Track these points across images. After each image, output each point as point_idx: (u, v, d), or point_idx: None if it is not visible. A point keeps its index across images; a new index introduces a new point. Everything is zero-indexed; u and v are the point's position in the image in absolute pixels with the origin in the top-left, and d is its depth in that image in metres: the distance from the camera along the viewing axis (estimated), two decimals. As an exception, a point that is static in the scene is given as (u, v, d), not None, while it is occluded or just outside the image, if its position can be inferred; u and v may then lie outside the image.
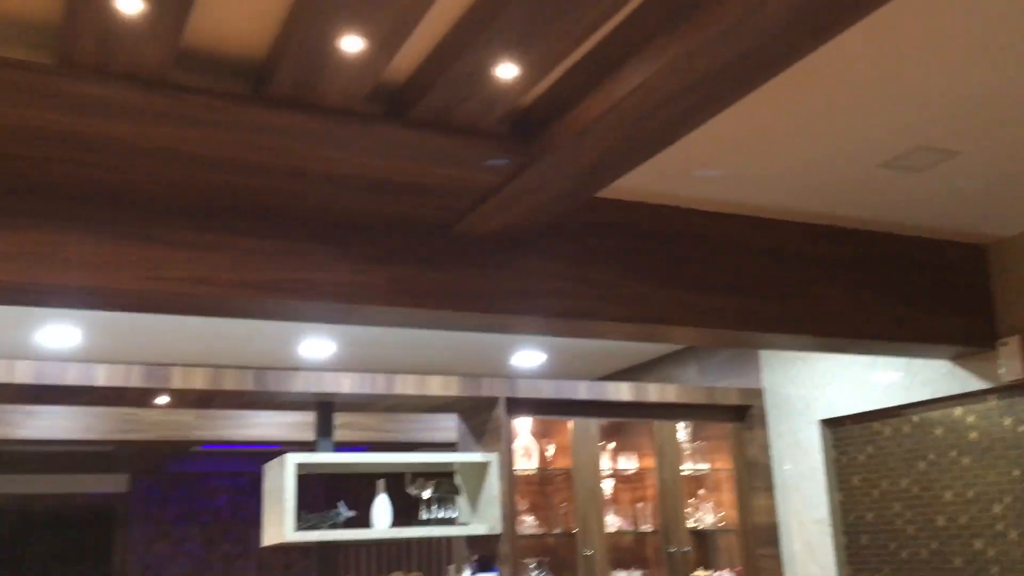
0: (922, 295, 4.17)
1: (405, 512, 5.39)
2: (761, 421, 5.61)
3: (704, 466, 5.68)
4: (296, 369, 5.23)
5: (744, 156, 3.34)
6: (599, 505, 5.23)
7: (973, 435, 4.46)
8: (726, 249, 3.83)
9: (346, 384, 4.81)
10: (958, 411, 4.54)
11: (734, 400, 5.63)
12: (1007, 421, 4.31)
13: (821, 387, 5.24)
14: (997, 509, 4.33)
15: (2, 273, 2.74)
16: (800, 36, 2.18)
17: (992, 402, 4.37)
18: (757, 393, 5.66)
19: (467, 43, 2.26)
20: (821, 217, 3.96)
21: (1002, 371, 4.22)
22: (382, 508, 4.87)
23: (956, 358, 4.46)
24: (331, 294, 3.16)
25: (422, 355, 5.94)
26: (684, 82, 2.34)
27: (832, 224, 4.03)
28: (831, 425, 5.23)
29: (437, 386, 4.99)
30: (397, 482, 5.02)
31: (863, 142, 3.23)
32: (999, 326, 4.28)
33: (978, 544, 4.41)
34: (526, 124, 2.85)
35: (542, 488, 5.57)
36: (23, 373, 4.24)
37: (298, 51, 2.31)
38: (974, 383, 4.39)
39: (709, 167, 3.42)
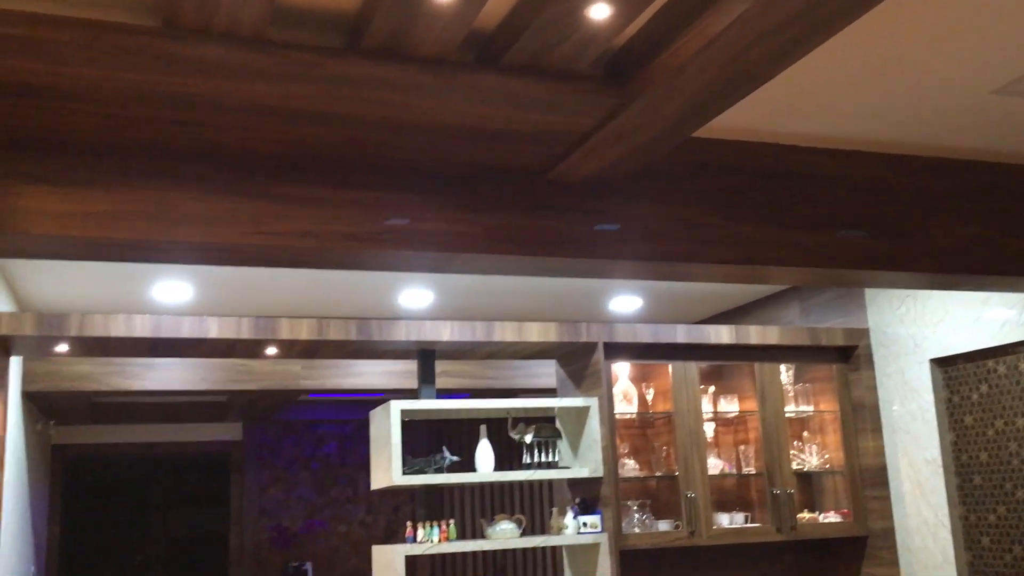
0: (1040, 227, 3.98)
1: (507, 457, 5.49)
2: (868, 361, 5.48)
3: (808, 408, 5.60)
4: (397, 319, 5.34)
5: (847, 88, 3.23)
6: (701, 448, 5.22)
7: (1095, 372, 4.28)
8: (830, 185, 3.72)
9: (446, 332, 4.89)
10: (1079, 347, 4.35)
11: (839, 341, 5.51)
12: None
13: (931, 325, 5.09)
14: (1121, 448, 4.16)
15: (118, 231, 2.86)
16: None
17: (1116, 337, 4.18)
18: (863, 333, 5.52)
19: (560, -16, 2.23)
20: (930, 149, 3.81)
21: None
22: (485, 453, 4.96)
23: (1077, 292, 4.26)
24: (430, 243, 3.20)
25: (520, 303, 5.98)
26: (781, 15, 2.27)
27: (942, 156, 3.87)
28: (942, 364, 5.08)
29: (536, 332, 5.02)
30: (499, 428, 5.11)
31: (974, 68, 3.08)
32: (1125, 258, 4.06)
33: (1101, 484, 4.25)
34: (620, 65, 2.81)
35: (643, 432, 5.58)
36: (142, 327, 4.44)
37: (391, 2, 2.32)
38: (1096, 318, 4.19)
39: (809, 100, 3.31)
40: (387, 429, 4.65)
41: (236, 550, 8.63)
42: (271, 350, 4.93)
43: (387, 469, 4.65)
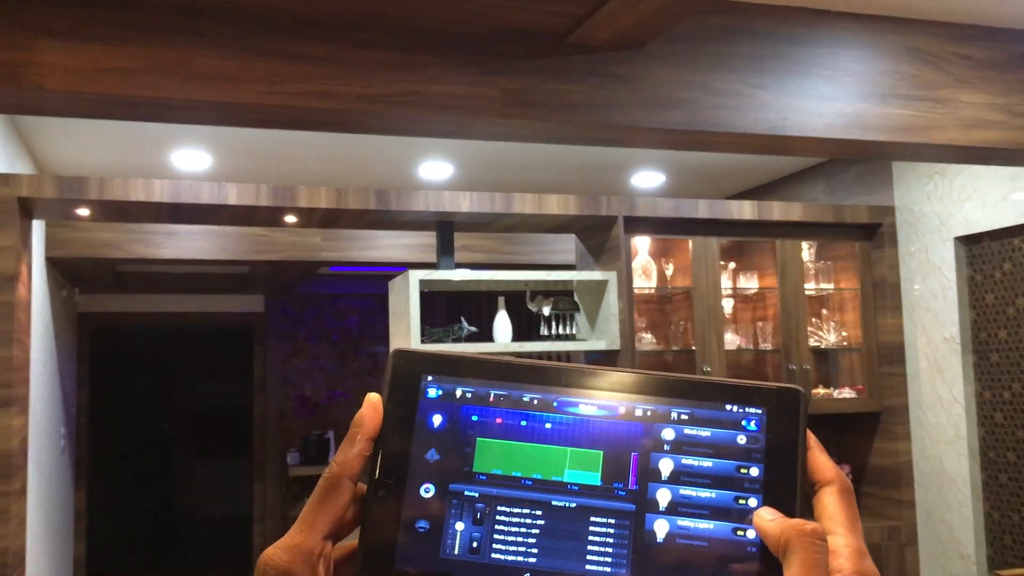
0: (1078, 100, 3.86)
1: (525, 329, 5.54)
2: (892, 239, 5.43)
3: (828, 286, 5.58)
4: (417, 189, 5.30)
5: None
6: (718, 323, 5.23)
7: (1123, 251, 4.21)
8: (861, 52, 3.60)
9: (465, 203, 4.86)
10: (1108, 226, 4.27)
11: (863, 218, 5.45)
12: None
13: (958, 203, 5.00)
14: None
15: (132, 88, 2.82)
16: None
17: None
18: (889, 211, 5.45)
19: None
20: (960, 14, 3.66)
21: None
22: (503, 324, 5.00)
23: (1111, 169, 4.16)
24: (448, 107, 3.14)
25: (540, 176, 5.92)
26: None
27: (973, 23, 3.72)
28: (966, 242, 5.02)
29: (555, 205, 4.99)
30: (517, 301, 5.13)
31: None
32: None
33: (1119, 363, 4.24)
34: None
35: (661, 307, 5.60)
36: (161, 192, 4.43)
37: None
38: None
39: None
40: (406, 299, 4.68)
41: (260, 417, 8.86)
42: (291, 218, 4.93)
43: (405, 338, 4.70)
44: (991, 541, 4.88)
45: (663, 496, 0.55)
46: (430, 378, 0.57)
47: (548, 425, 0.56)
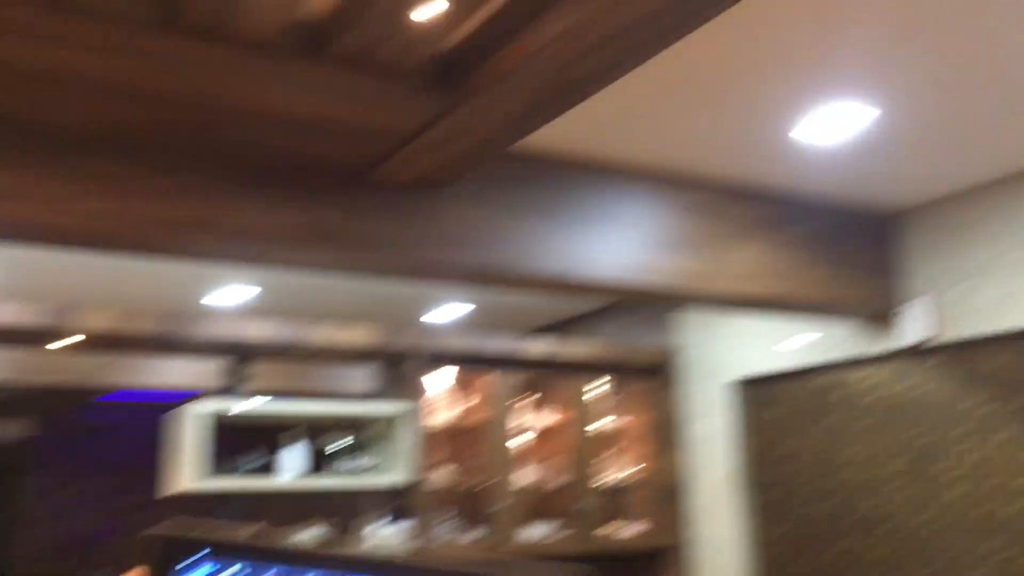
0: (833, 258, 4.27)
1: (318, 462, 5.36)
2: (675, 379, 5.71)
3: (619, 422, 5.77)
4: (209, 314, 5.12)
5: (664, 112, 3.36)
6: (514, 458, 5.27)
7: (873, 397, 4.62)
8: (647, 206, 3.86)
9: (261, 330, 4.74)
10: (860, 373, 4.68)
11: (651, 359, 5.72)
12: (906, 384, 4.46)
13: (734, 347, 5.35)
14: (891, 469, 4.50)
15: None
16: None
17: (892, 365, 4.53)
18: (673, 352, 5.75)
19: (389, -24, 2.20)
20: (735, 179, 4.02)
21: (904, 335, 4.36)
22: (294, 457, 4.83)
23: (861, 321, 4.59)
24: (241, 234, 3.09)
25: (343, 303, 5.87)
26: (612, 28, 2.32)
27: (748, 185, 4.09)
28: (741, 385, 5.35)
29: (357, 334, 4.94)
30: (311, 431, 4.98)
31: (778, 103, 3.27)
32: (905, 291, 4.41)
33: (872, 501, 4.58)
34: (450, 67, 2.80)
35: (457, 440, 5.58)
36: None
37: (212, -23, 2.22)
38: (877, 346, 4.53)
39: (631, 119, 3.43)
40: (187, 430, 4.45)
41: (20, 559, 8.02)
42: (69, 340, 4.62)
43: (183, 474, 4.44)
44: (768, 676, 5.04)
45: None
46: (179, 566, 0.53)
47: None
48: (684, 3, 2.21)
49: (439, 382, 5.31)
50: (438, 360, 5.17)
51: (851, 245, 4.35)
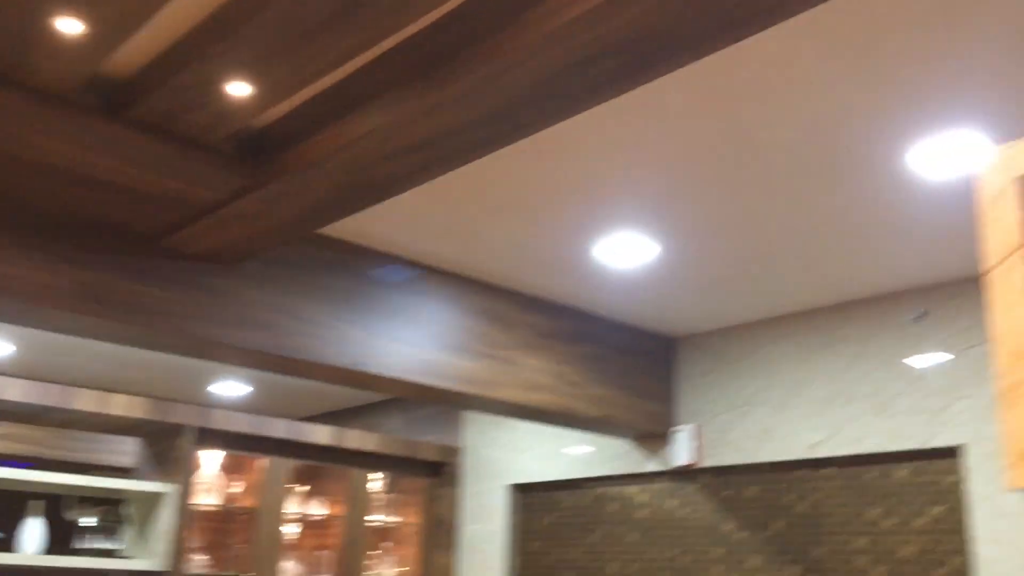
0: (618, 376, 4.44)
1: (64, 539, 4.92)
2: (455, 479, 5.69)
3: (393, 519, 5.66)
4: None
5: (469, 218, 3.42)
6: (279, 550, 5.05)
7: (642, 513, 4.77)
8: (444, 306, 3.89)
9: (14, 391, 4.35)
10: (632, 489, 4.84)
11: (432, 456, 5.68)
12: (673, 503, 4.65)
13: (515, 452, 5.41)
14: (654, 585, 4.64)
15: None
16: (537, 109, 2.25)
17: (662, 484, 4.71)
18: (455, 451, 5.74)
19: (201, 52, 2.15)
20: (533, 290, 4.13)
21: (674, 457, 4.56)
22: (34, 531, 4.41)
23: (637, 439, 4.77)
24: (9, 290, 2.85)
25: (112, 369, 5.51)
26: (420, 135, 2.36)
27: (545, 296, 4.21)
28: (520, 490, 5.39)
29: (121, 405, 4.63)
30: (59, 504, 4.58)
31: (575, 224, 3.41)
32: (677, 415, 4.63)
33: (633, 616, 4.69)
34: (257, 147, 2.75)
35: (222, 526, 5.29)
36: None
37: (6, 22, 2.09)
38: (649, 465, 4.71)
39: (438, 220, 3.47)
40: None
41: None
42: None
43: (-96, 541, 3.95)
44: None
45: None
46: None
47: None
48: (491, 121, 2.28)
49: (209, 463, 5.04)
50: (209, 439, 4.91)
51: (636, 366, 4.54)
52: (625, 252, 3.61)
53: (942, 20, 2.15)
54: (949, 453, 3.72)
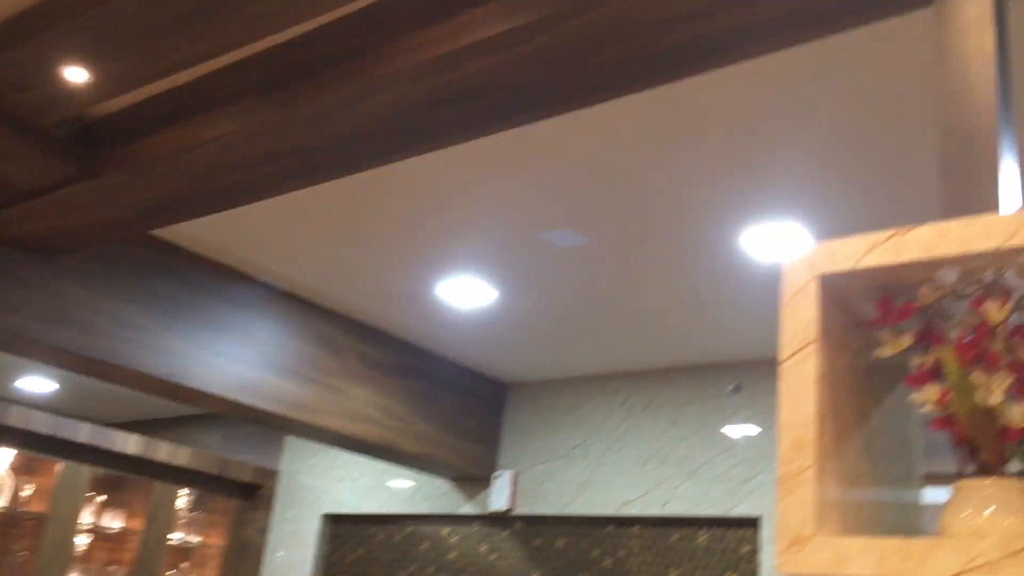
0: (444, 415, 4.42)
1: None
2: (268, 503, 5.51)
3: (195, 538, 5.41)
4: None
5: (312, 240, 3.35)
6: (67, 561, 4.73)
7: (453, 554, 4.74)
8: (277, 324, 3.78)
9: None
10: (446, 530, 4.81)
11: (247, 477, 5.48)
12: (484, 547, 4.64)
13: (334, 482, 5.29)
14: (455, 628, 4.61)
15: None
16: (387, 141, 2.24)
17: (476, 528, 4.70)
18: (272, 474, 5.56)
19: (37, 30, 2.03)
20: (370, 320, 4.08)
21: (490, 502, 4.57)
22: None
23: (457, 481, 4.75)
24: None
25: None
26: (268, 149, 2.30)
27: (381, 328, 4.16)
28: (333, 520, 5.27)
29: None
30: None
31: (418, 260, 3.40)
32: (498, 460, 4.65)
33: (431, 659, 4.64)
34: (93, 137, 2.62)
35: (5, 531, 4.92)
36: None
37: None
38: (466, 507, 4.70)
39: (279, 238, 3.38)
40: None
41: None
42: None
43: None
44: None
45: None
46: None
47: None
48: (342, 146, 2.25)
49: (1, 462, 4.69)
50: (3, 436, 4.58)
51: (464, 407, 4.54)
52: (465, 294, 3.62)
53: (772, 118, 2.28)
54: (748, 523, 3.88)
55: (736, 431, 3.99)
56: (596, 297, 3.55)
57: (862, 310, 1.22)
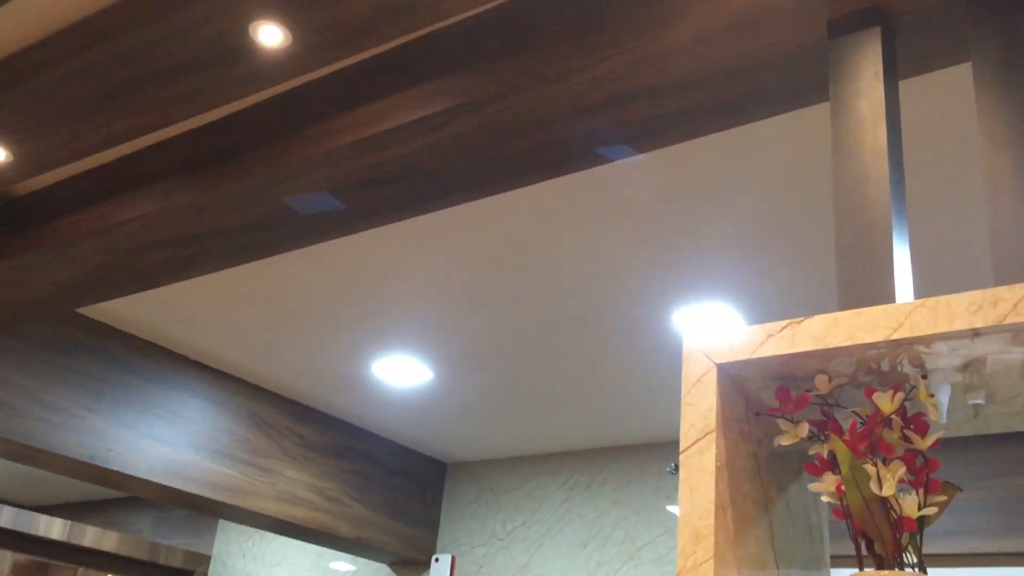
0: (381, 497, 4.33)
1: None
2: (199, 590, 5.31)
3: (122, 628, 5.19)
4: None
5: (243, 318, 3.31)
6: (-20, 654, 4.50)
7: (390, 643, 4.60)
8: (207, 404, 3.70)
9: None
10: (383, 617, 4.67)
11: (178, 562, 5.29)
12: (421, 635, 4.51)
13: (270, 566, 5.13)
14: None
15: None
16: (312, 223, 2.23)
17: (414, 614, 4.58)
18: (205, 559, 5.38)
19: (-49, 108, 2.01)
20: (307, 399, 4.01)
21: (429, 586, 4.46)
22: None
23: (395, 565, 4.64)
24: None
25: None
26: (189, 230, 2.28)
27: (319, 407, 4.09)
28: (266, 608, 5.10)
29: None
30: None
31: (352, 340, 3.37)
32: (438, 542, 4.55)
33: None
34: (14, 215, 2.57)
35: (-83, 622, 4.68)
36: None
37: None
38: (404, 592, 4.58)
39: (212, 317, 3.33)
40: None
41: None
42: None
43: None
44: None
45: None
46: None
47: None
48: (265, 227, 2.24)
49: (-86, 548, 4.49)
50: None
51: (402, 488, 4.45)
52: (400, 373, 3.58)
53: (700, 203, 2.32)
54: (688, 607, 3.82)
55: (676, 511, 3.96)
56: (533, 378, 3.54)
57: (763, 398, 1.22)
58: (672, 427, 3.87)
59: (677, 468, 3.38)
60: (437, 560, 4.46)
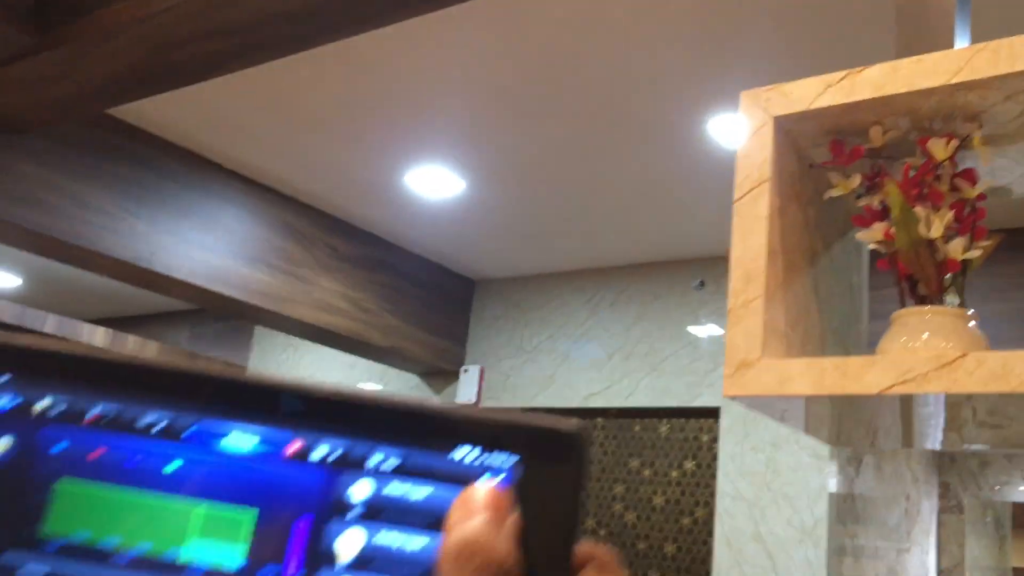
0: (412, 310, 4.46)
1: None
2: (236, 398, 5.56)
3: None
4: None
5: (278, 127, 3.32)
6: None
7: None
8: (243, 213, 3.77)
9: None
10: (414, 423, 4.89)
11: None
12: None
13: (304, 377, 5.34)
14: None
15: None
16: (343, 12, 2.21)
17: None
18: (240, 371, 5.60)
19: None
20: (340, 210, 4.08)
21: (458, 396, 4.65)
22: None
23: (424, 376, 4.82)
24: None
25: None
26: (226, 21, 2.26)
27: (351, 219, 4.16)
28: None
29: None
30: None
31: (384, 149, 3.39)
32: (467, 355, 4.72)
33: None
34: (51, 7, 2.56)
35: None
36: None
37: None
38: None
39: (246, 123, 3.35)
40: None
41: None
42: None
43: None
44: None
45: None
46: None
47: (174, 465, 0.36)
48: (299, 18, 2.22)
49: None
50: (-29, 326, 4.57)
51: (431, 302, 4.58)
52: (433, 184, 3.62)
53: (736, 3, 2.27)
54: (709, 413, 3.99)
55: (699, 326, 4.07)
56: (563, 189, 3.57)
57: (815, 155, 1.25)
58: (697, 244, 3.96)
59: (702, 284, 3.47)
60: (466, 371, 4.64)
